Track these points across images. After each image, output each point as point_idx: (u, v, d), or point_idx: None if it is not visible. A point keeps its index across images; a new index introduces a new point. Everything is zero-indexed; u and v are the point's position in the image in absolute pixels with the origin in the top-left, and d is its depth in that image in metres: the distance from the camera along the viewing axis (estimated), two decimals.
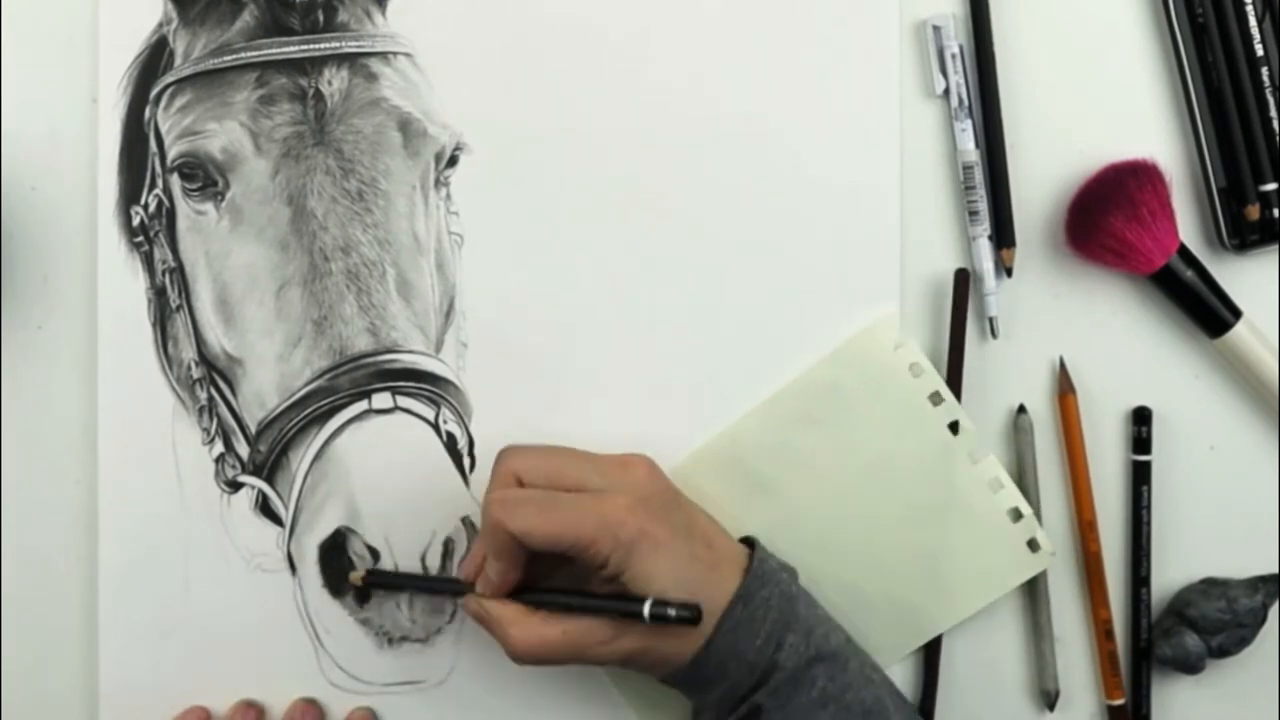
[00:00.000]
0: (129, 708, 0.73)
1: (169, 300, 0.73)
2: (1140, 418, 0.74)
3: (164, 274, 0.73)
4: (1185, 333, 0.74)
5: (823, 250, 0.73)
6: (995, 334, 0.74)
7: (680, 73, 0.73)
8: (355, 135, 0.72)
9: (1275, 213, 0.73)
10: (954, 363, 0.73)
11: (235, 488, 0.73)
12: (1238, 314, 0.73)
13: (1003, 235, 0.73)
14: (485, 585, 0.67)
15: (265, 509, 0.73)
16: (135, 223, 0.73)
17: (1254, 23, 0.72)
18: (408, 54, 0.73)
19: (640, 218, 0.73)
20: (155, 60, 0.73)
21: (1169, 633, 0.74)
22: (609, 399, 0.73)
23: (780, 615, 0.66)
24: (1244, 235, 0.73)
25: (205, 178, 0.72)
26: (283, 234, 0.72)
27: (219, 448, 0.73)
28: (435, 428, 0.73)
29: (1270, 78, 0.73)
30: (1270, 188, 0.73)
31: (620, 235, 0.73)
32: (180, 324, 0.73)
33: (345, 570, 0.73)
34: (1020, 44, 0.73)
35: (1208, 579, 0.74)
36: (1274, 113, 0.73)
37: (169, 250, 0.73)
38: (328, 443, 0.72)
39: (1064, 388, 0.74)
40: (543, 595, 0.67)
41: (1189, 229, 0.74)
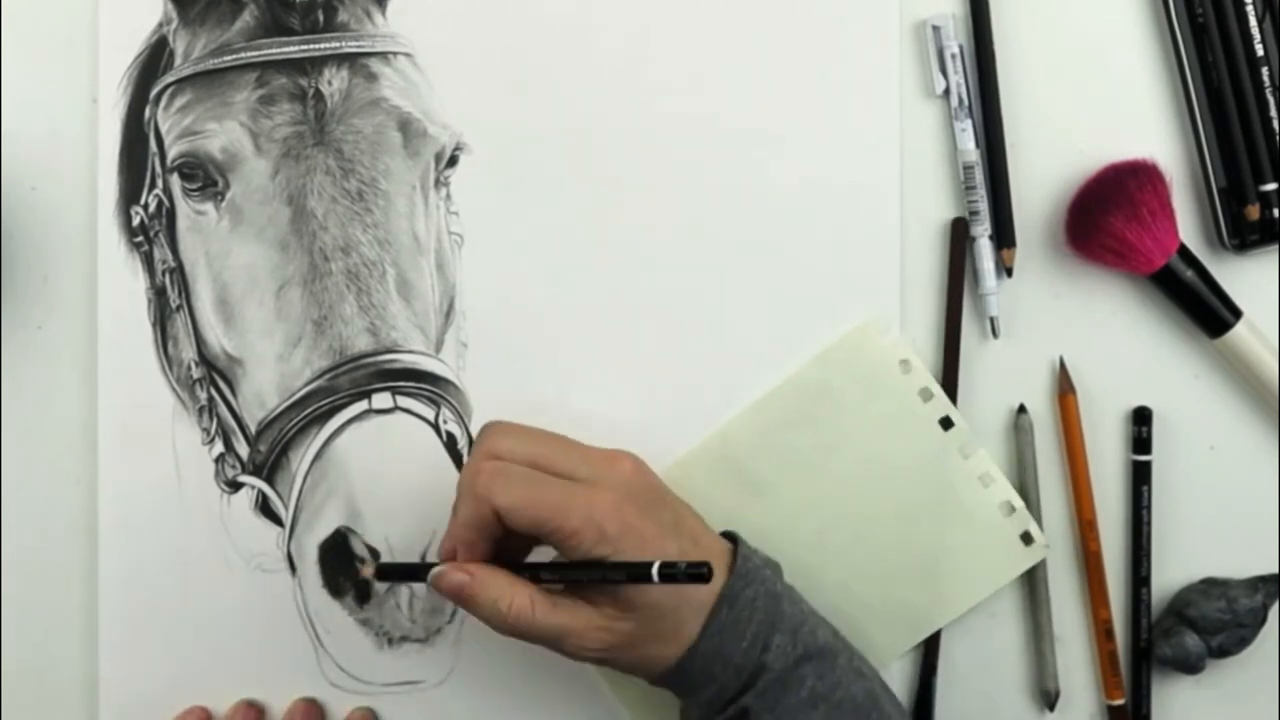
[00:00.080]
0: (129, 708, 0.73)
1: (169, 300, 0.73)
2: (1140, 418, 0.74)
3: (164, 274, 0.73)
4: (1185, 333, 0.74)
5: (823, 250, 0.73)
6: (995, 334, 0.74)
7: (680, 73, 0.73)
8: (355, 135, 0.72)
9: (1275, 213, 0.73)
10: (951, 339, 0.73)
11: (235, 488, 0.73)
12: (1238, 314, 0.73)
13: (1003, 235, 0.73)
14: (463, 558, 0.64)
15: (265, 509, 0.73)
16: (135, 223, 0.73)
17: (1254, 23, 0.72)
18: (408, 54, 0.73)
19: (640, 218, 0.73)
20: (155, 60, 0.73)
21: (1169, 633, 0.74)
22: (609, 398, 0.73)
23: (766, 615, 0.65)
24: (1244, 235, 0.73)
25: (205, 178, 0.72)
26: (283, 234, 0.72)
27: (219, 448, 0.73)
28: (435, 428, 0.73)
29: (1270, 78, 0.73)
30: (1270, 188, 0.73)
31: (620, 235, 0.73)
32: (180, 324, 0.73)
33: (345, 570, 0.73)
34: (1020, 44, 0.73)
35: (1208, 579, 0.74)
36: (1274, 113, 0.73)
37: (169, 250, 0.73)
38: (328, 443, 0.72)
39: (1064, 388, 0.74)
40: (541, 566, 0.65)
41: (1189, 229, 0.74)
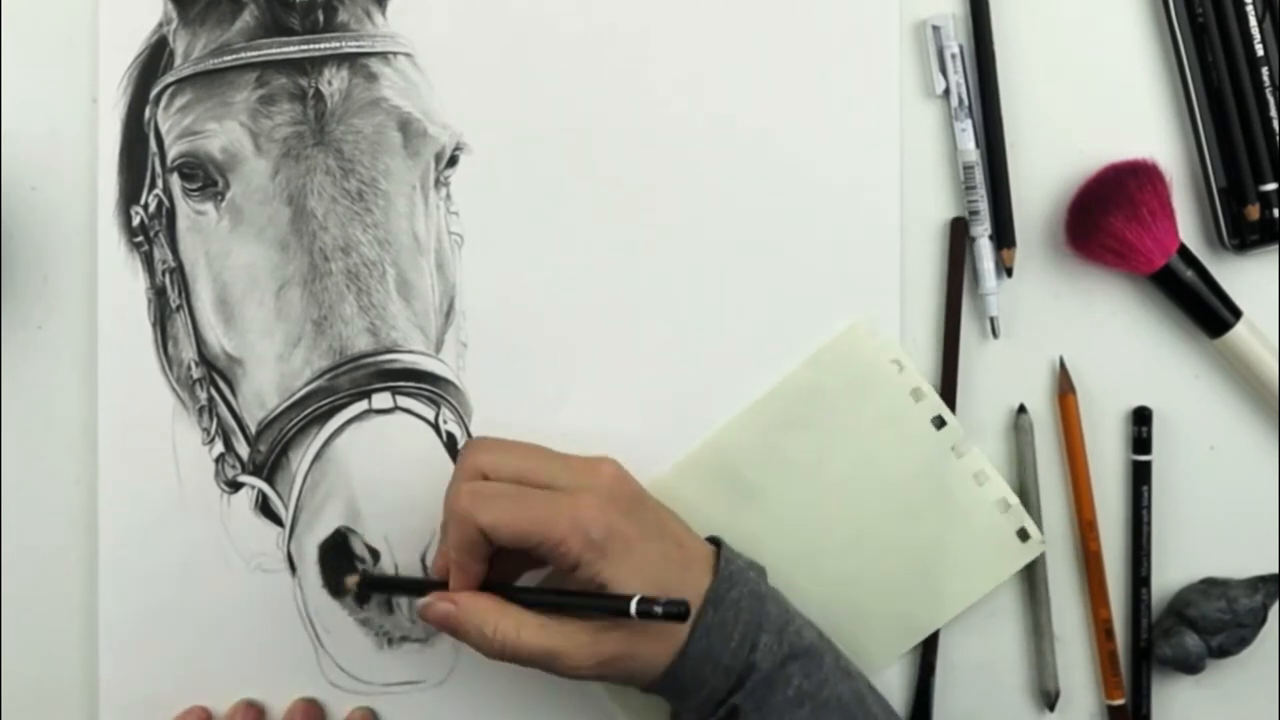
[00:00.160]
0: (129, 708, 0.73)
1: (169, 300, 0.73)
2: (1140, 418, 0.74)
3: (164, 274, 0.73)
4: (1185, 333, 0.74)
5: (823, 250, 0.73)
6: (995, 334, 0.74)
7: (680, 73, 0.73)
8: (355, 135, 0.72)
9: (1275, 213, 0.73)
10: (950, 339, 0.73)
11: (235, 488, 0.73)
12: (1238, 314, 0.73)
13: (1003, 235, 0.73)
14: (455, 581, 0.65)
15: (265, 509, 0.73)
16: (135, 223, 0.73)
17: (1254, 23, 0.72)
18: (408, 54, 0.73)
19: (640, 218, 0.73)
20: (155, 60, 0.72)
21: (1169, 633, 0.74)
22: (609, 398, 0.73)
23: (752, 616, 0.65)
24: (1244, 235, 0.73)
25: (205, 178, 0.72)
26: (283, 234, 0.72)
27: (219, 448, 0.73)
28: (435, 428, 0.73)
29: (1270, 78, 0.73)
30: (1270, 188, 0.73)
31: (620, 235, 0.73)
32: (180, 324, 0.73)
33: (345, 570, 0.73)
34: (1020, 44, 0.73)
35: (1208, 579, 0.74)
36: (1274, 113, 0.73)
37: (169, 250, 0.73)
38: (328, 443, 0.72)
39: (1064, 388, 0.74)
40: (526, 591, 0.66)
41: (1189, 229, 0.74)
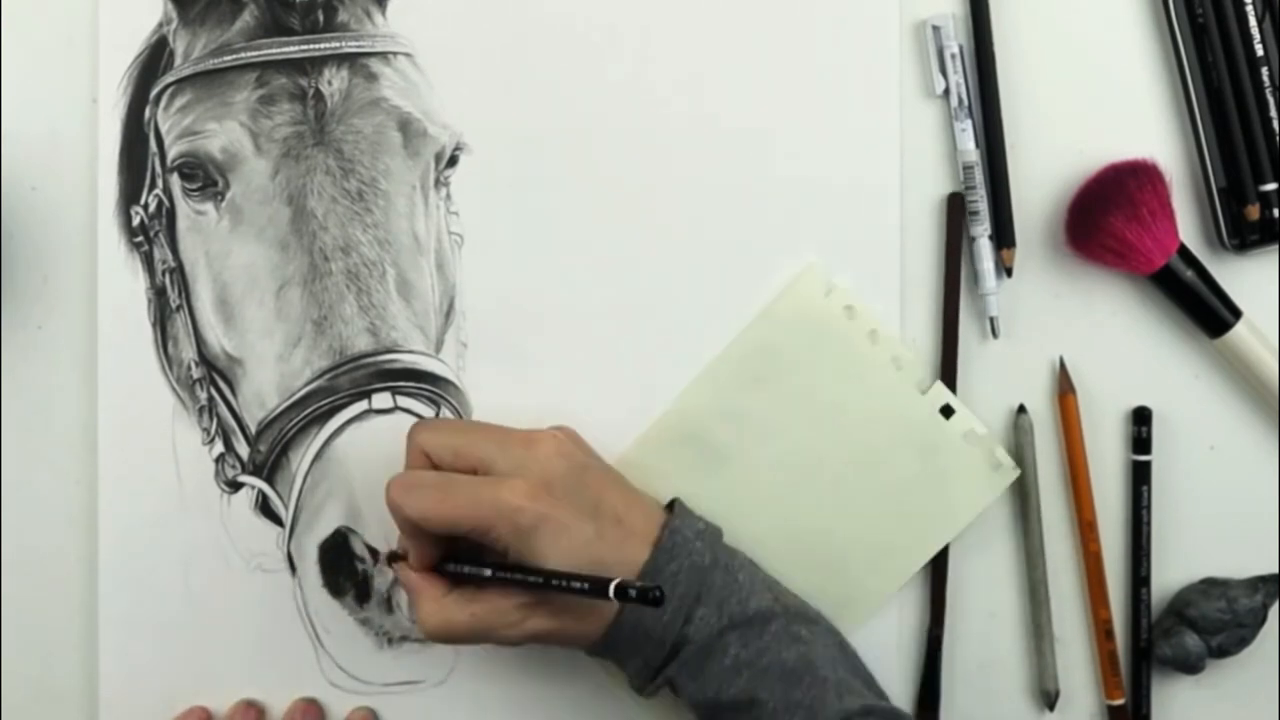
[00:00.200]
0: (129, 708, 0.73)
1: (169, 300, 0.73)
2: (1140, 418, 0.74)
3: (164, 274, 0.73)
4: (1185, 333, 0.74)
5: (823, 250, 0.73)
6: (995, 334, 0.74)
7: (680, 73, 0.73)
8: (355, 135, 0.72)
9: (1275, 213, 0.73)
10: (950, 339, 0.73)
11: (235, 488, 0.73)
12: (1238, 314, 0.73)
13: (1003, 235, 0.73)
14: (413, 560, 0.68)
15: (265, 509, 0.73)
16: (135, 223, 0.73)
17: (1254, 23, 0.72)
18: (408, 54, 0.73)
19: (640, 218, 0.73)
20: (155, 60, 0.72)
21: (1169, 633, 0.74)
22: (609, 399, 0.73)
23: (689, 589, 0.66)
24: (1244, 235, 0.73)
25: (205, 178, 0.72)
26: (283, 234, 0.72)
27: (219, 448, 0.73)
28: None
29: (1270, 78, 0.73)
30: (1270, 188, 0.73)
31: (620, 235, 0.73)
32: (180, 324, 0.73)
33: (345, 570, 0.73)
34: (1020, 44, 0.73)
35: (1208, 579, 0.74)
36: (1274, 113, 0.73)
37: (169, 250, 0.73)
38: (328, 443, 0.72)
39: (1064, 388, 0.74)
40: (497, 569, 0.66)
41: (1189, 229, 0.74)
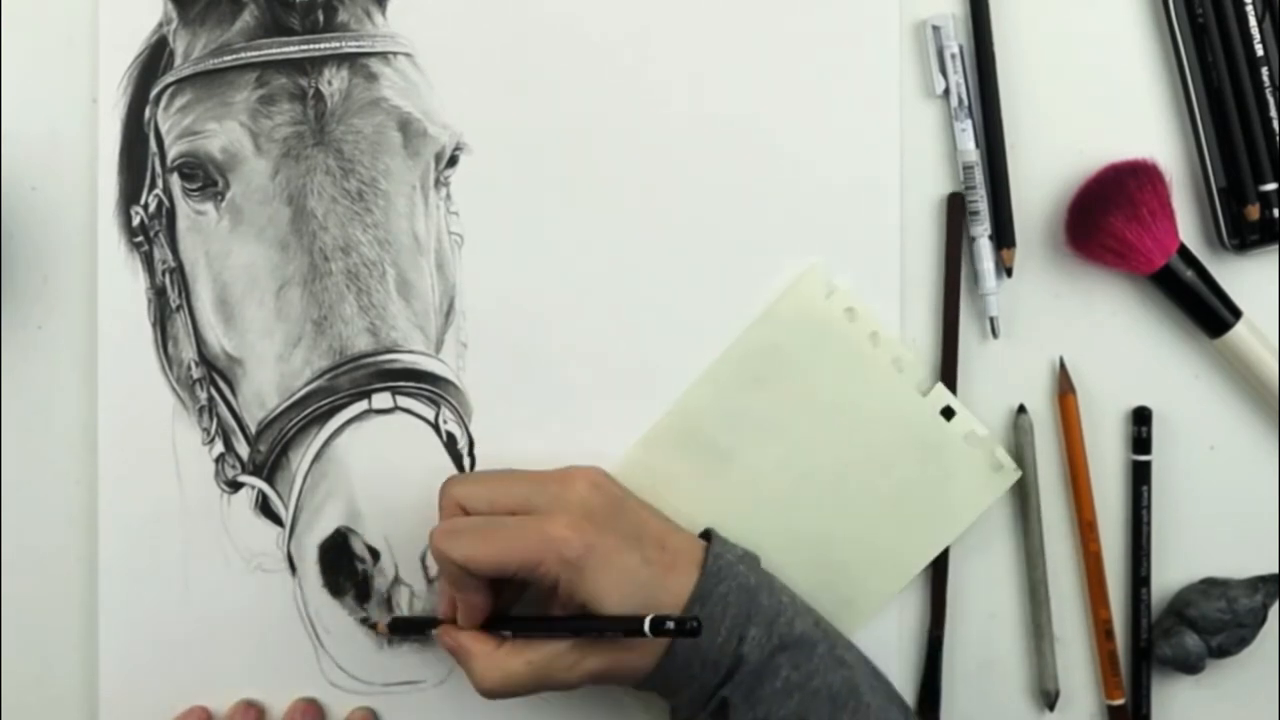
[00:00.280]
0: (129, 708, 0.73)
1: (169, 300, 0.73)
2: (1140, 418, 0.74)
3: (164, 274, 0.73)
4: (1185, 333, 0.74)
5: (822, 250, 0.73)
6: (995, 334, 0.74)
7: (680, 73, 0.73)
8: (355, 135, 0.72)
9: (1275, 213, 0.73)
10: (950, 339, 0.73)
11: (235, 488, 0.73)
12: (1238, 314, 0.73)
13: (1003, 235, 0.73)
14: (460, 617, 0.68)
15: (265, 509, 0.73)
16: (135, 223, 0.73)
17: (1254, 23, 0.72)
18: (408, 54, 0.73)
19: (640, 218, 0.73)
20: (155, 60, 0.72)
21: (1169, 633, 0.74)
22: (609, 398, 0.73)
23: (740, 610, 0.66)
24: (1244, 235, 0.73)
25: (205, 178, 0.72)
26: (283, 234, 0.72)
27: (219, 448, 0.73)
28: (435, 428, 0.73)
29: (1270, 78, 0.73)
30: (1270, 188, 0.73)
31: (620, 235, 0.73)
32: (180, 324, 0.73)
33: (345, 570, 0.73)
34: (1020, 44, 0.73)
35: (1208, 579, 0.74)
36: (1274, 113, 0.73)
37: (169, 250, 0.73)
38: (328, 443, 0.72)
39: (1064, 388, 0.74)
40: (528, 623, 0.67)
41: (1189, 229, 0.74)
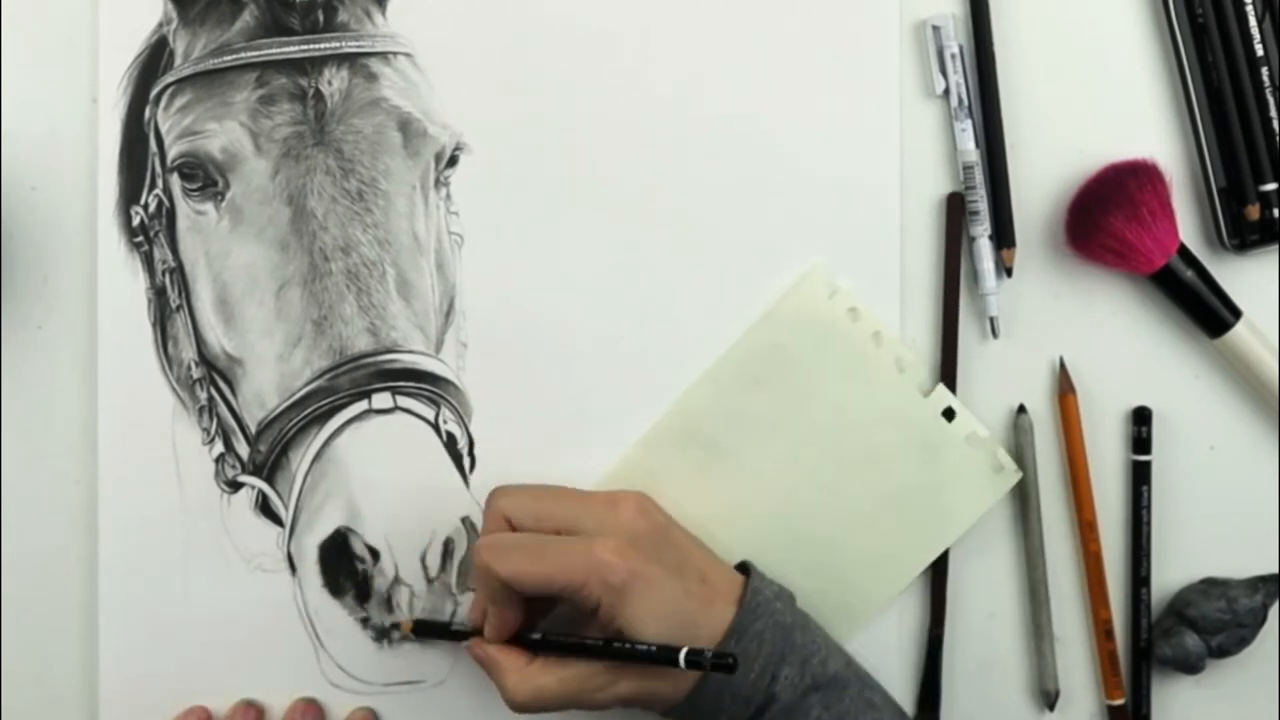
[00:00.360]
0: (129, 708, 0.73)
1: (169, 300, 0.73)
2: (1140, 418, 0.74)
3: (164, 274, 0.73)
4: (1185, 333, 0.74)
5: (822, 250, 0.73)
6: (995, 334, 0.74)
7: (680, 73, 0.73)
8: (355, 135, 0.72)
9: (1275, 213, 0.73)
10: (949, 338, 0.73)
11: (235, 488, 0.73)
12: (1238, 314, 0.73)
13: (1003, 235, 0.73)
14: (490, 630, 0.68)
15: (265, 509, 0.73)
16: (135, 223, 0.73)
17: (1254, 23, 0.72)
18: (408, 54, 0.73)
19: (640, 218, 0.73)
20: (155, 60, 0.72)
21: (1169, 633, 0.74)
22: (609, 399, 0.73)
23: (774, 648, 0.66)
24: (1244, 235, 0.73)
25: (205, 178, 0.72)
26: (283, 234, 0.72)
27: (219, 448, 0.73)
28: (435, 428, 0.73)
29: (1270, 78, 0.73)
30: (1270, 188, 0.73)
31: (620, 235, 0.73)
32: (180, 324, 0.73)
33: (345, 570, 0.73)
34: (1020, 44, 0.73)
35: (1208, 579, 0.74)
36: (1274, 113, 0.73)
37: (169, 250, 0.73)
38: (328, 443, 0.72)
39: (1064, 388, 0.74)
40: (563, 642, 0.66)
41: (1189, 229, 0.74)
